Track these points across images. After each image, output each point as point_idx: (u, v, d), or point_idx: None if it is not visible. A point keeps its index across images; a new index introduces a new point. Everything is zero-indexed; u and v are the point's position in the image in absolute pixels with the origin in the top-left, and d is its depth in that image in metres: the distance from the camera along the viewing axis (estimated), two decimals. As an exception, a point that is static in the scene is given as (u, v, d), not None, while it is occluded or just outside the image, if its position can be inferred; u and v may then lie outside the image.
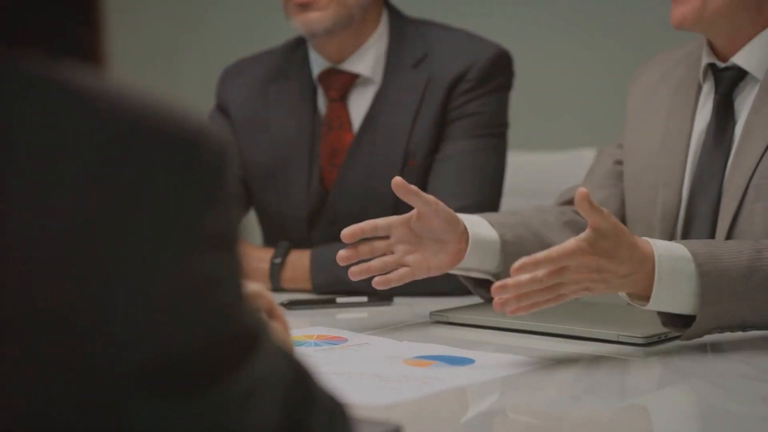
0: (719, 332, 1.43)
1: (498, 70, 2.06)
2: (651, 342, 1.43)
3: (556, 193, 1.92)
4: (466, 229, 1.59)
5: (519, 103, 2.15)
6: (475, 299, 1.74)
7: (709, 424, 1.15)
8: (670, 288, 1.38)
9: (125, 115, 0.65)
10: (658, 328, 1.44)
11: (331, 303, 1.81)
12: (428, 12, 2.12)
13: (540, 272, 1.31)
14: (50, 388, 0.63)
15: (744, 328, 1.43)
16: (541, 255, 1.31)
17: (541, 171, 2.58)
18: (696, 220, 1.65)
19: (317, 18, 1.98)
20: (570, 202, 1.82)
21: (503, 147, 2.08)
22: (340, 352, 1.43)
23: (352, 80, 2.07)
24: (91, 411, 0.64)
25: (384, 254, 1.57)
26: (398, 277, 1.56)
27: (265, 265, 1.96)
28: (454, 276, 1.67)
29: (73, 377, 0.63)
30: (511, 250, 1.64)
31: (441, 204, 1.56)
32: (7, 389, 0.63)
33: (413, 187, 1.54)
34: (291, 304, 1.79)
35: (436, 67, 2.05)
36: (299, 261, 1.97)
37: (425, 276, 1.59)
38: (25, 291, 0.62)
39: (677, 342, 1.44)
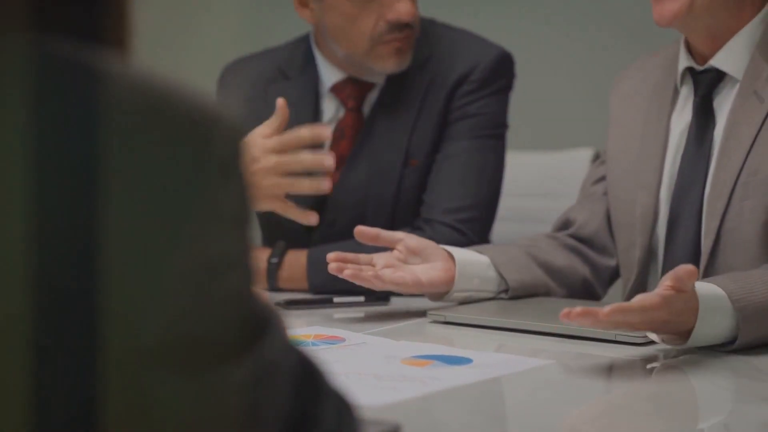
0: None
1: (500, 72, 2.06)
2: (649, 341, 1.43)
3: (555, 193, 1.92)
4: (450, 253, 1.68)
5: (518, 102, 2.15)
6: (473, 299, 1.74)
7: (709, 424, 1.15)
8: (710, 326, 1.38)
9: (143, 94, 0.66)
10: (657, 328, 1.44)
11: (328, 303, 1.80)
12: (428, 11, 2.11)
13: (610, 322, 1.31)
14: (67, 363, 0.63)
15: None
16: (631, 306, 1.31)
17: (541, 171, 2.57)
18: (681, 220, 1.66)
19: (408, 60, 2.01)
20: (562, 227, 1.84)
21: (503, 148, 2.08)
22: (338, 351, 1.42)
23: (368, 89, 2.06)
24: (106, 386, 0.64)
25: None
26: (391, 279, 1.62)
27: (261, 265, 1.96)
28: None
29: (89, 352, 0.63)
30: (508, 268, 1.71)
31: (407, 235, 1.69)
32: (27, 369, 0.63)
33: (374, 231, 1.67)
34: (288, 304, 1.78)
35: (439, 68, 2.04)
36: (296, 261, 1.96)
37: (419, 291, 1.66)
38: (44, 268, 0.62)
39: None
